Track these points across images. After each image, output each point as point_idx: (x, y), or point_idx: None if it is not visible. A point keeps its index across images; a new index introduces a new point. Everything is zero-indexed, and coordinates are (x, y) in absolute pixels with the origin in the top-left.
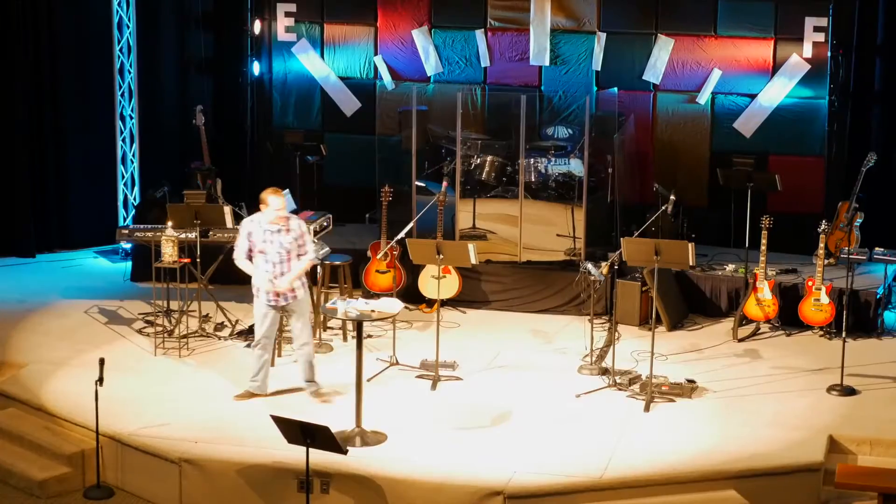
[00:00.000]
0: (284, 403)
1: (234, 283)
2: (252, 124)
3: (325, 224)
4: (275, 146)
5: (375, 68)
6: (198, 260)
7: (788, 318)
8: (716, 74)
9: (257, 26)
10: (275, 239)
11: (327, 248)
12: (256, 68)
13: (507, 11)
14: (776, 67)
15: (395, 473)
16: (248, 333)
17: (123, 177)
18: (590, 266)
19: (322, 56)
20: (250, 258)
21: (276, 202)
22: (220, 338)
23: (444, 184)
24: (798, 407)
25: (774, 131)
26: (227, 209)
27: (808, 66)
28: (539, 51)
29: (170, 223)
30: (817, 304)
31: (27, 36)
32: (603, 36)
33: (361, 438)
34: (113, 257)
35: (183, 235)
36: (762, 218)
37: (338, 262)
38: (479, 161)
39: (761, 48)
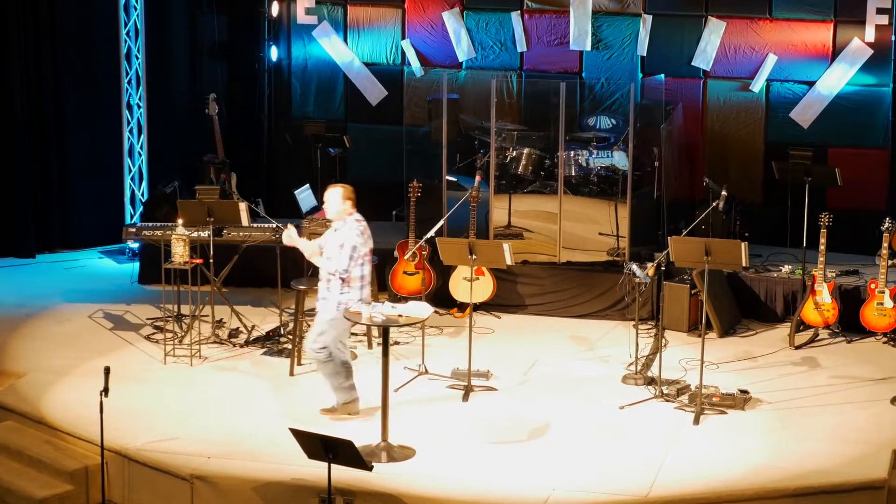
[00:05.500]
0: (304, 416)
1: (250, 285)
2: (269, 114)
3: None
4: (294, 138)
5: (403, 53)
6: (211, 260)
7: (849, 323)
8: (771, 60)
9: (275, 8)
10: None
11: None
12: (274, 53)
13: None
14: (836, 52)
15: (423, 491)
16: (264, 340)
17: (130, 171)
18: (634, 267)
19: (345, 40)
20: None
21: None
22: (235, 345)
23: (478, 178)
24: (859, 420)
25: (834, 121)
26: (243, 205)
27: (871, 51)
28: (580, 34)
29: (180, 221)
30: (880, 309)
31: (26, 19)
32: (649, 18)
33: (388, 453)
34: (119, 258)
35: (195, 234)
36: (821, 215)
37: None
38: (514, 154)
39: (820, 32)
